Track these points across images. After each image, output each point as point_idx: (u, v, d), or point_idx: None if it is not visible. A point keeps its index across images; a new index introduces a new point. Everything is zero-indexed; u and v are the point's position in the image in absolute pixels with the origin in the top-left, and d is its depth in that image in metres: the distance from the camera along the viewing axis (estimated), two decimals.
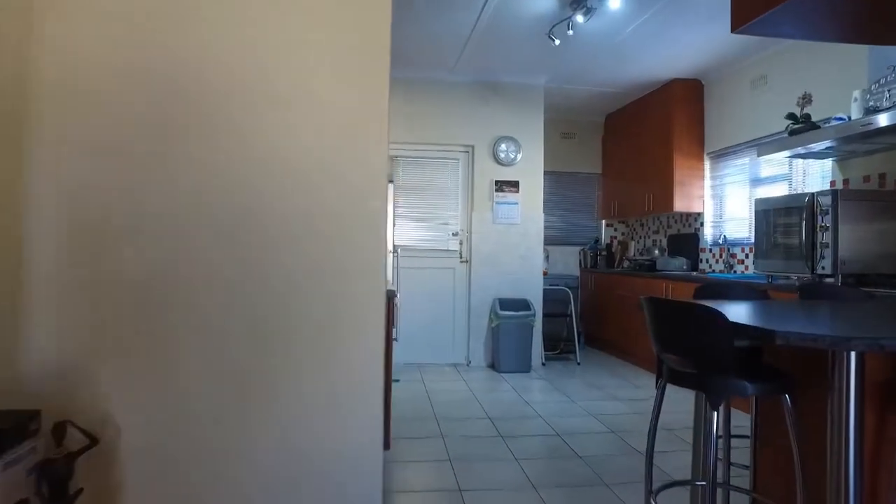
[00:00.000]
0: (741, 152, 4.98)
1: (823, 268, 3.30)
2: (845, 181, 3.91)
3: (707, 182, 5.42)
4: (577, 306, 6.05)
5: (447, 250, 5.48)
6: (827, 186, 4.04)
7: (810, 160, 4.16)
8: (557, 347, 5.89)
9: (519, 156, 5.47)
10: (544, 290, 5.59)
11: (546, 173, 6.03)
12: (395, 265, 4.34)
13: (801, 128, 3.65)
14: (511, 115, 5.50)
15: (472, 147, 5.48)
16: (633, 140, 6.16)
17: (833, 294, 2.44)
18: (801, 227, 3.43)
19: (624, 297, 5.69)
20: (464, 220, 5.50)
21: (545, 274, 6.07)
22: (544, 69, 5.27)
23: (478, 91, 5.47)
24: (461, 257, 5.49)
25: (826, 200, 3.30)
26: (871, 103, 3.20)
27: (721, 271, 5.11)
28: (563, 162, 6.91)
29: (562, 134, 6.94)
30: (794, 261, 3.50)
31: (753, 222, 4.08)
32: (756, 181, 4.85)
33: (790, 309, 1.90)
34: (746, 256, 4.85)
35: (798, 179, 4.42)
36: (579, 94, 6.05)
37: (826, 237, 3.29)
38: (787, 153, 3.71)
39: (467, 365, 5.44)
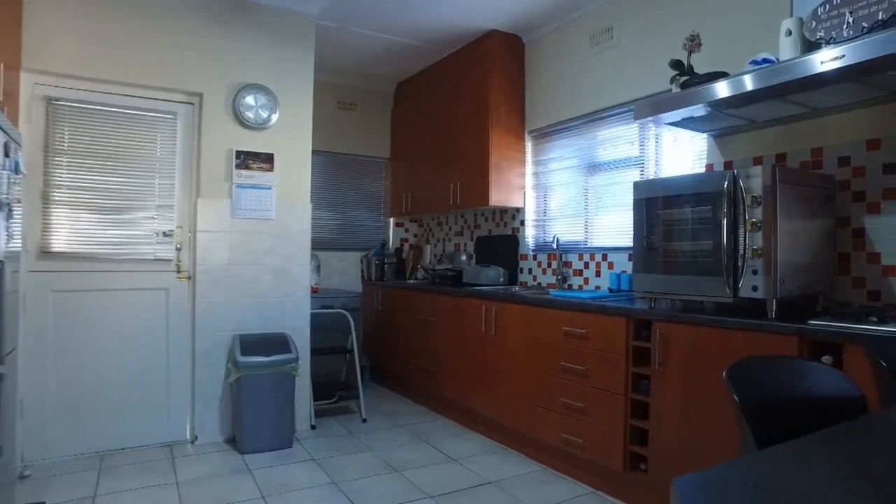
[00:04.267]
0: (575, 129, 3.82)
1: (755, 288, 2.11)
2: (727, 164, 2.89)
3: (529, 169, 4.20)
4: (359, 334, 4.39)
5: (155, 259, 3.37)
6: (700, 171, 3.00)
7: (680, 135, 3.10)
8: (334, 395, 4.15)
9: (275, 116, 3.61)
10: (313, 316, 3.81)
11: (317, 154, 4.28)
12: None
13: (694, 79, 2.48)
14: (265, 54, 3.61)
15: (200, 96, 3.46)
16: (435, 114, 4.72)
17: None
18: (717, 225, 2.22)
19: (424, 322, 4.18)
20: (184, 212, 3.45)
21: (315, 291, 4.30)
22: None
23: (213, 8, 3.47)
24: (179, 270, 3.43)
25: (757, 183, 2.12)
26: (819, 34, 2.11)
27: (551, 286, 3.90)
28: (341, 140, 5.21)
29: (339, 103, 5.22)
30: (700, 276, 2.29)
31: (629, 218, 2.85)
32: (593, 167, 3.72)
33: None
34: (586, 266, 3.68)
35: (651, 163, 3.36)
36: (365, 46, 4.41)
37: (758, 240, 2.12)
38: (677, 115, 2.51)
39: (192, 444, 3.39)
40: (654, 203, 2.47)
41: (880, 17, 2.03)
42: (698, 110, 2.44)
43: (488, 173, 4.02)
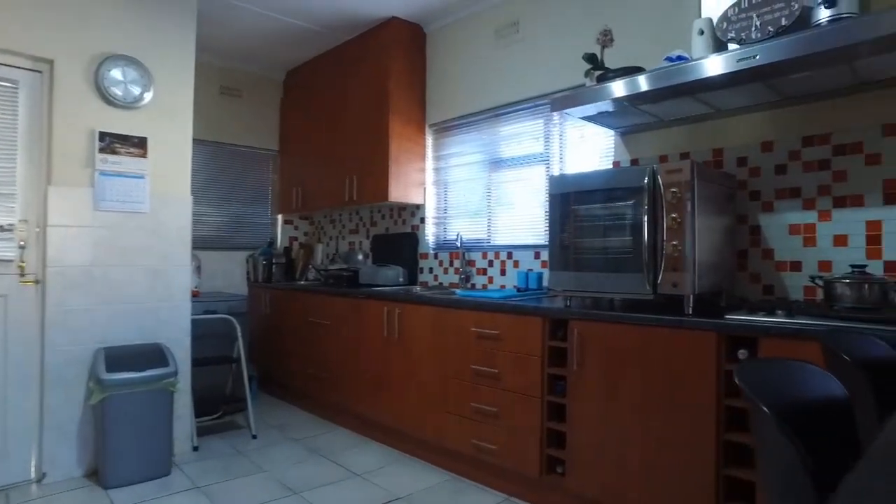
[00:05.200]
0: (478, 124, 3.72)
1: (675, 284, 2.10)
2: (633, 161, 2.92)
3: (429, 164, 4.05)
4: (246, 341, 4.00)
5: None
6: (609, 167, 3.01)
7: (586, 132, 3.10)
8: (218, 409, 3.73)
9: (149, 94, 3.14)
10: (194, 322, 3.38)
11: (197, 143, 3.82)
12: None
13: (609, 73, 2.46)
14: (136, 21, 3.13)
15: (51, 64, 2.91)
16: (329, 104, 4.43)
17: None
18: (637, 221, 2.19)
19: (317, 325, 3.89)
20: (29, 202, 2.89)
21: (196, 295, 3.84)
22: None
23: None
24: (23, 273, 2.86)
25: (677, 178, 2.11)
26: (731, 34, 2.15)
27: (454, 285, 3.77)
28: (224, 129, 4.75)
29: (223, 88, 4.76)
30: (620, 273, 2.25)
31: (547, 212, 2.78)
32: (496, 163, 3.65)
33: None
34: (490, 264, 3.60)
35: (556, 160, 3.34)
36: (253, 27, 4.02)
37: (678, 236, 2.11)
38: (592, 109, 2.48)
39: (38, 484, 2.84)
40: (571, 198, 2.41)
41: (783, 23, 2.10)
42: (612, 105, 2.42)
43: (388, 167, 3.82)
